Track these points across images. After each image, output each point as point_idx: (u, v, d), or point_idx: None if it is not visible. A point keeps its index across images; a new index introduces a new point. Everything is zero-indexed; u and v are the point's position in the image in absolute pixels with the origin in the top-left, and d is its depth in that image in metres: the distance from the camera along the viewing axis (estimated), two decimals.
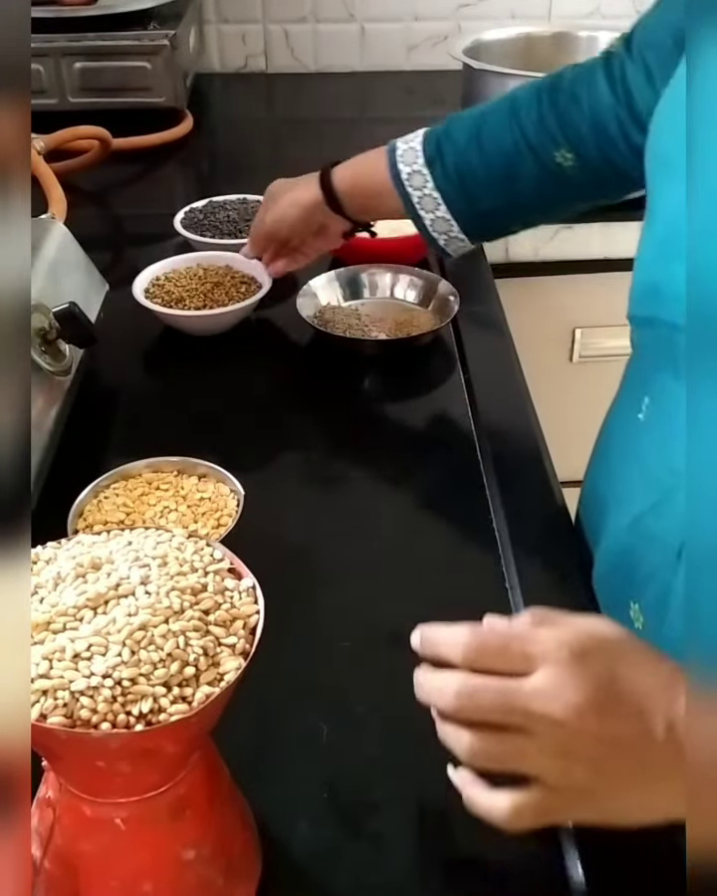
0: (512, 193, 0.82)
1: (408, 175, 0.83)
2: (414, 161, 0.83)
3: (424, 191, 0.83)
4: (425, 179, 0.83)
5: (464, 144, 0.82)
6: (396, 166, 0.84)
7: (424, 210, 0.84)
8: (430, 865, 0.52)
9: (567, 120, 0.78)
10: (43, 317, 0.76)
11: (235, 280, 0.98)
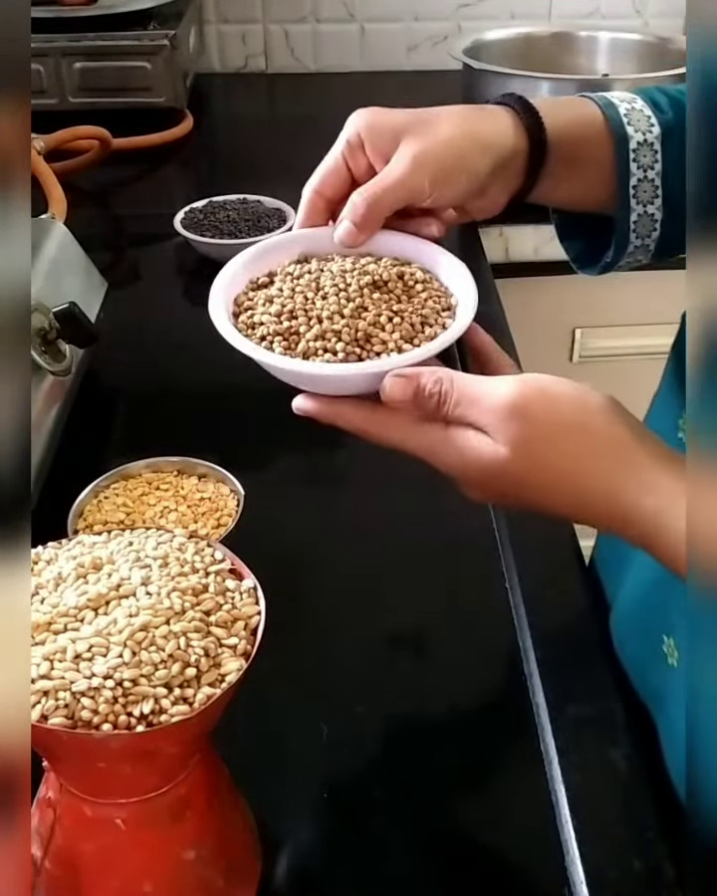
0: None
1: (638, 145, 0.57)
2: (648, 129, 0.58)
3: (648, 173, 0.58)
4: (656, 157, 0.58)
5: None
6: (624, 129, 0.57)
7: (636, 200, 0.59)
8: (430, 865, 0.52)
9: None
10: (43, 317, 0.76)
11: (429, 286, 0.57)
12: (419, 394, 0.45)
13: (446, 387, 0.45)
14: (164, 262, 1.12)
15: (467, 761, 0.58)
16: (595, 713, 0.59)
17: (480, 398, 0.45)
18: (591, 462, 0.44)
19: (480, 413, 0.45)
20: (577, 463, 0.44)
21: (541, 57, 1.35)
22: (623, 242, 0.61)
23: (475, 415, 0.45)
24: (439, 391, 0.45)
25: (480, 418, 0.45)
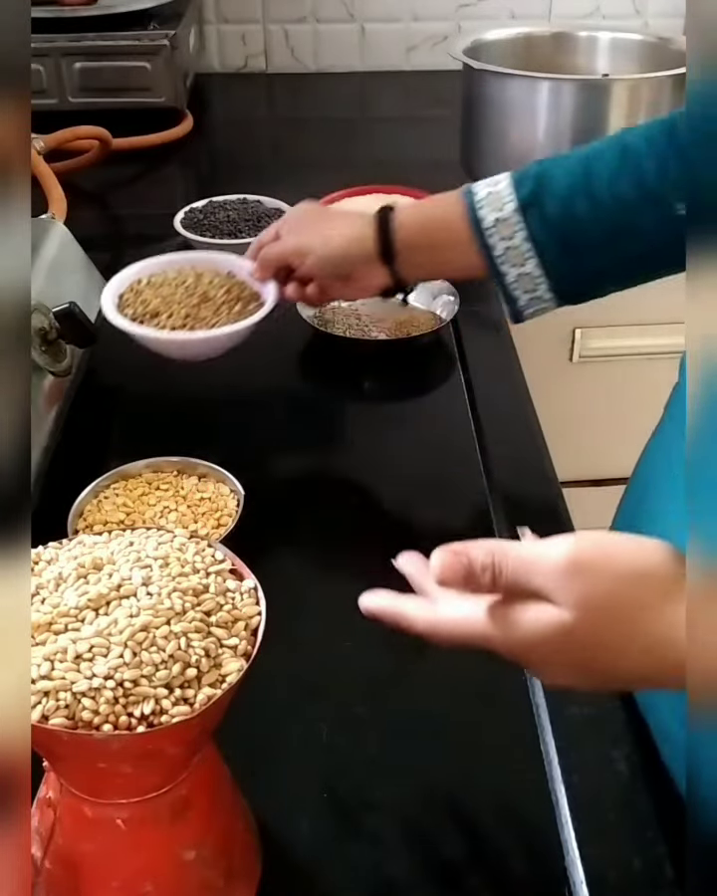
0: (623, 248, 0.71)
1: (493, 223, 0.71)
2: (502, 208, 0.71)
3: (512, 242, 0.71)
4: (515, 229, 0.70)
5: (568, 190, 0.70)
6: (477, 212, 0.72)
7: (508, 264, 0.72)
8: (430, 865, 0.52)
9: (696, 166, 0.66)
10: (43, 317, 0.76)
11: (231, 295, 0.80)
12: (472, 570, 0.43)
13: (499, 559, 0.42)
14: None
15: (467, 761, 0.58)
16: (595, 713, 0.59)
17: (537, 563, 0.42)
18: (657, 614, 0.41)
19: (539, 577, 0.42)
20: (643, 614, 0.41)
21: (541, 57, 1.35)
22: (510, 298, 0.74)
23: (535, 582, 0.42)
24: (492, 564, 0.42)
25: (540, 583, 0.42)
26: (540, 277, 0.72)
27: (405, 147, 1.44)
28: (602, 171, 0.70)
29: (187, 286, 0.79)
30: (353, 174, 1.20)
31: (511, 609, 0.43)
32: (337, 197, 1.11)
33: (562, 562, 0.41)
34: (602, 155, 0.71)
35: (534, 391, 0.90)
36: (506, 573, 0.42)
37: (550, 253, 0.71)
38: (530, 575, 0.42)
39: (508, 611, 0.43)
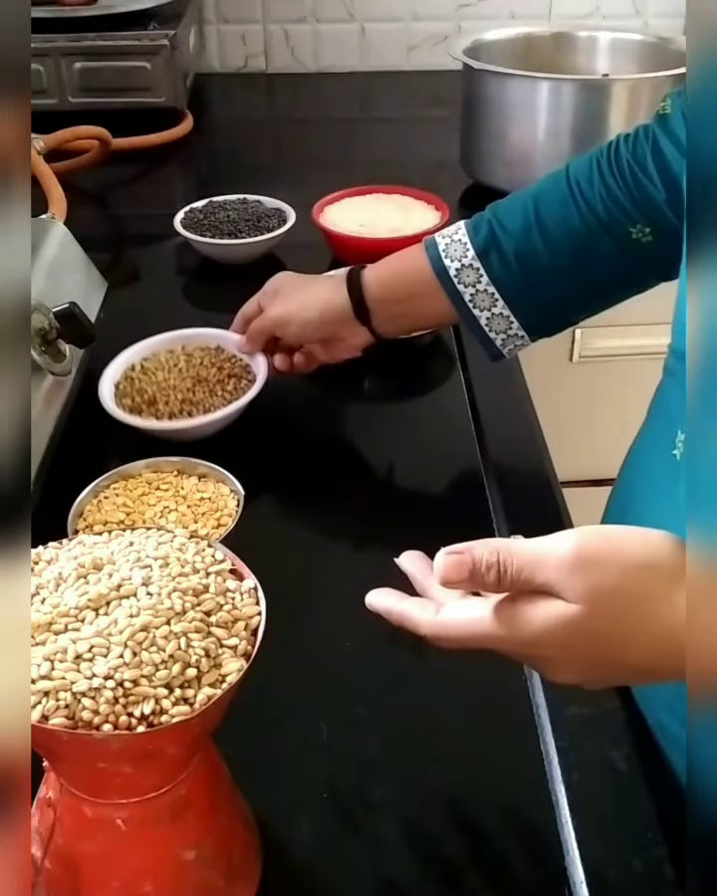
0: (584, 278, 0.74)
1: (457, 271, 0.74)
2: (463, 255, 0.74)
3: (478, 287, 0.74)
4: (479, 274, 0.74)
5: (521, 229, 0.73)
6: (441, 262, 0.75)
7: (479, 308, 0.75)
8: (430, 865, 0.52)
9: (638, 192, 0.70)
10: (43, 317, 0.76)
11: (223, 373, 0.83)
12: (476, 569, 0.42)
13: (504, 556, 0.42)
14: (164, 262, 1.12)
15: (467, 761, 0.58)
16: (594, 713, 0.59)
17: (542, 558, 0.42)
18: (665, 603, 0.42)
19: (545, 573, 0.42)
20: (650, 606, 0.42)
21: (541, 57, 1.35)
22: (486, 340, 0.77)
23: (541, 577, 0.42)
24: (497, 561, 0.42)
25: (546, 578, 0.42)
26: (510, 316, 0.75)
27: (405, 147, 1.44)
28: (551, 208, 0.73)
29: (180, 369, 0.83)
30: (352, 174, 1.20)
31: (517, 607, 0.43)
32: (337, 197, 1.11)
33: (568, 557, 0.41)
34: (549, 194, 0.74)
35: (534, 391, 0.90)
36: (511, 571, 0.42)
37: (514, 292, 0.74)
38: (536, 571, 0.42)
39: (514, 609, 0.43)
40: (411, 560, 0.50)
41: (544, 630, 0.42)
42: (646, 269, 0.74)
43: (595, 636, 0.42)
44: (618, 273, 0.74)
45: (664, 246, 0.70)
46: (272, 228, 1.08)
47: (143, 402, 0.81)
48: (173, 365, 0.84)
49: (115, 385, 0.83)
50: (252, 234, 1.07)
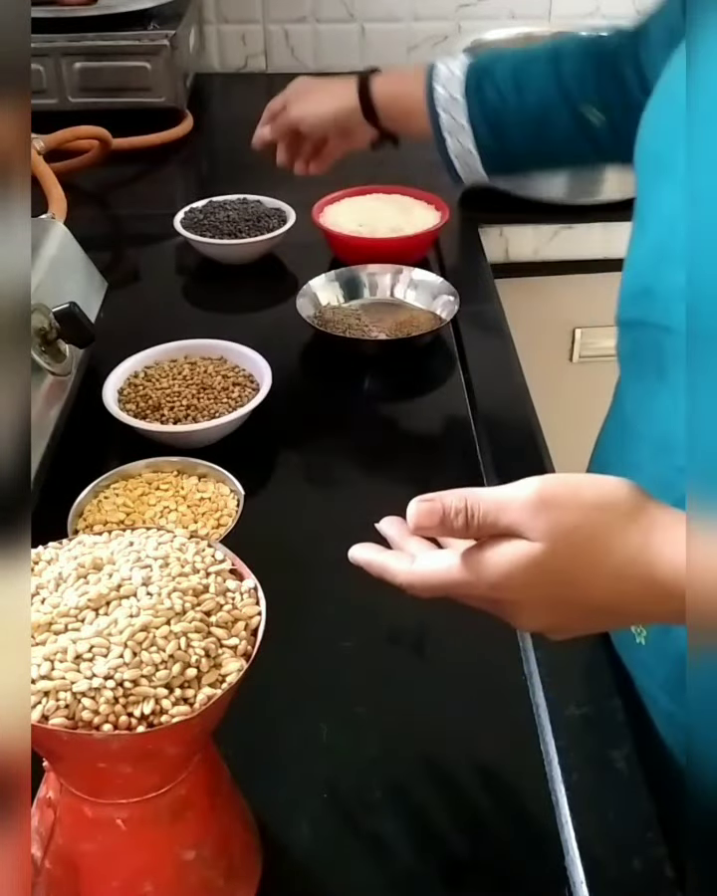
0: (541, 139, 0.85)
1: (443, 103, 0.86)
2: (454, 89, 0.85)
3: (456, 121, 0.85)
4: (461, 109, 0.85)
5: (503, 83, 0.84)
6: (433, 91, 0.86)
7: (451, 140, 0.87)
8: (430, 865, 0.52)
9: (604, 85, 0.81)
10: (43, 317, 0.76)
11: (227, 381, 0.83)
12: (446, 514, 0.45)
13: (471, 502, 0.44)
14: (164, 262, 1.12)
15: (467, 761, 0.58)
16: (595, 713, 0.59)
17: (506, 502, 0.44)
18: (621, 538, 0.44)
19: (509, 515, 0.44)
20: (607, 542, 0.44)
21: None
22: (450, 166, 0.90)
23: (505, 519, 0.44)
24: (465, 507, 0.44)
25: (510, 520, 0.44)
26: (475, 154, 0.87)
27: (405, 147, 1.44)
28: (534, 69, 0.84)
29: (184, 376, 0.83)
30: (352, 174, 1.19)
31: (484, 551, 0.45)
32: (337, 197, 1.11)
33: (531, 498, 0.44)
34: (537, 55, 0.85)
35: (534, 391, 0.90)
36: (478, 515, 0.44)
37: (483, 135, 0.86)
38: (500, 514, 0.44)
39: (481, 553, 0.45)
40: (390, 524, 0.52)
41: (509, 570, 0.44)
42: (595, 149, 0.85)
43: (557, 573, 0.44)
44: (570, 144, 0.85)
45: (612, 134, 0.82)
46: (272, 228, 1.08)
47: (148, 408, 0.81)
48: (178, 373, 0.84)
49: (118, 391, 0.83)
50: (252, 234, 1.07)
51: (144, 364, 0.86)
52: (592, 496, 0.44)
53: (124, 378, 0.84)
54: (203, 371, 0.84)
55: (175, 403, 0.81)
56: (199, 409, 0.80)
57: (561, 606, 0.46)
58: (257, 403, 0.80)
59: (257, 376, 0.84)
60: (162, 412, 0.80)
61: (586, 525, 0.44)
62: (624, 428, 0.64)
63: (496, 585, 0.45)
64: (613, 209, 1.20)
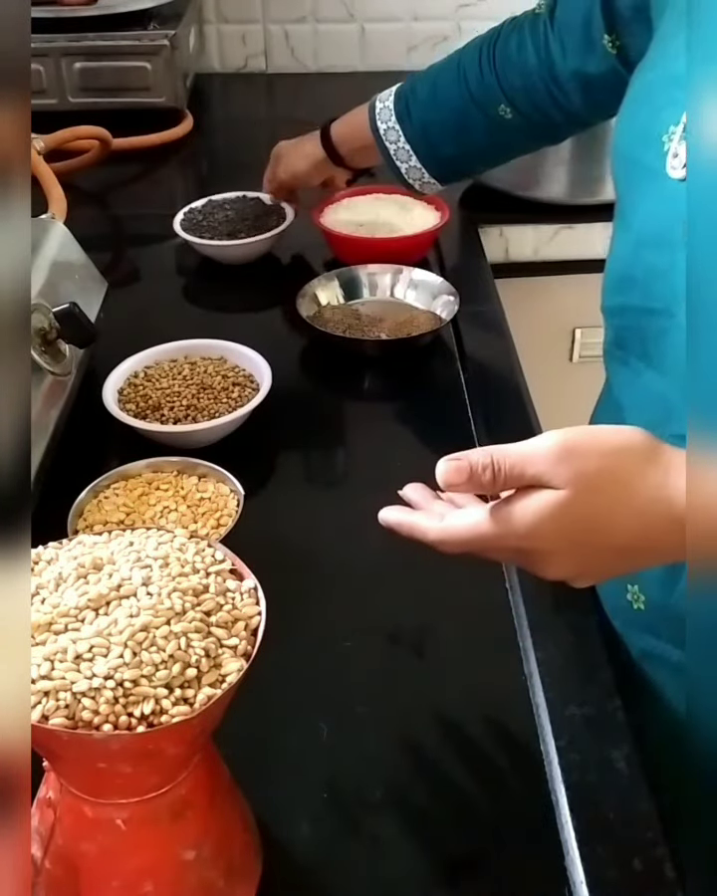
0: (466, 143, 0.94)
1: (384, 131, 0.96)
2: (389, 119, 0.95)
3: (398, 144, 0.96)
4: (398, 134, 0.95)
5: (424, 101, 0.93)
6: (376, 123, 0.96)
7: (399, 161, 0.97)
8: (430, 865, 0.52)
9: (503, 77, 0.88)
10: (43, 317, 0.76)
11: (227, 381, 0.83)
12: (473, 470, 0.47)
13: (497, 457, 0.47)
14: (164, 262, 1.12)
15: (467, 761, 0.58)
16: (595, 713, 0.59)
17: (530, 454, 0.47)
18: (641, 478, 0.46)
19: (534, 466, 0.46)
20: (628, 483, 0.46)
21: None
22: (407, 184, 0.99)
23: (531, 470, 0.46)
24: (491, 462, 0.47)
25: (536, 470, 0.46)
26: (421, 168, 0.97)
27: None
28: (444, 81, 0.93)
29: (184, 376, 0.84)
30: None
31: (511, 503, 0.47)
32: (337, 197, 1.11)
33: (553, 449, 0.46)
34: (447, 67, 0.93)
35: (534, 391, 0.90)
36: (504, 468, 0.47)
37: (421, 150, 0.95)
38: (525, 466, 0.47)
39: (509, 506, 0.47)
40: (414, 489, 0.55)
41: (537, 519, 0.46)
42: (515, 139, 0.94)
43: (583, 519, 0.46)
44: (492, 141, 0.93)
45: (525, 123, 0.90)
46: (271, 226, 1.08)
47: (148, 408, 0.81)
48: (178, 373, 0.84)
49: (118, 391, 0.83)
50: (251, 233, 1.07)
51: (144, 364, 0.86)
52: (610, 442, 0.47)
53: (124, 378, 0.84)
54: (203, 371, 0.84)
55: (175, 403, 0.81)
56: (199, 409, 0.80)
57: (588, 550, 0.48)
58: (257, 403, 0.80)
59: (257, 376, 0.83)
60: (162, 412, 0.80)
61: (607, 469, 0.46)
62: (616, 416, 0.65)
63: (526, 535, 0.47)
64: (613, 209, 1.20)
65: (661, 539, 0.47)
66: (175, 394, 0.82)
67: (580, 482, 0.46)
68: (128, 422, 0.79)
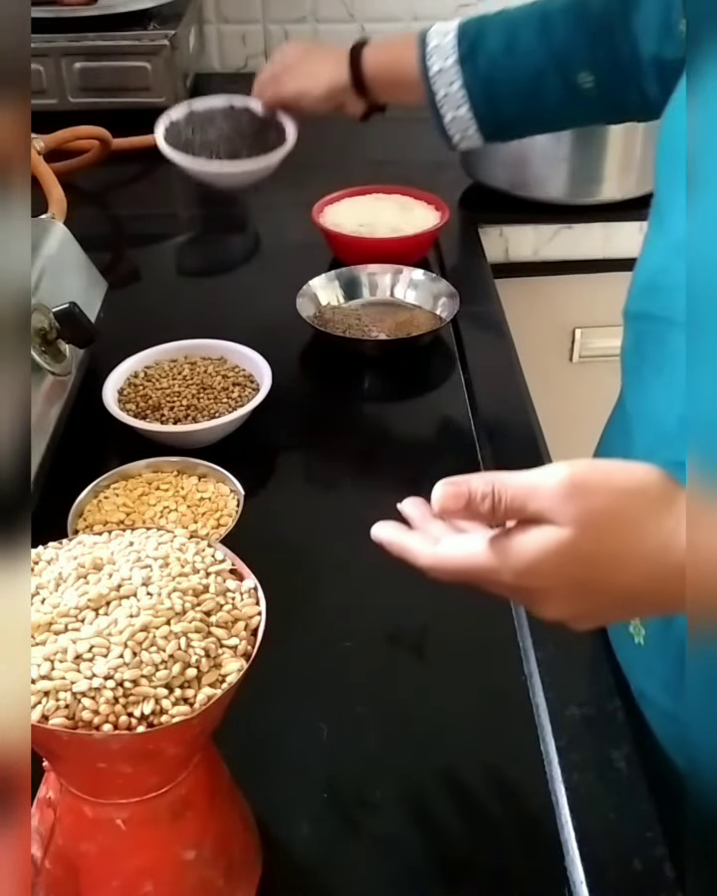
0: (533, 106, 0.86)
1: (437, 72, 0.85)
2: (446, 59, 0.85)
3: (451, 89, 0.85)
4: (454, 77, 0.85)
5: (496, 50, 0.84)
6: (426, 60, 0.86)
7: (446, 107, 0.87)
8: (430, 865, 0.52)
9: (594, 49, 0.81)
10: (43, 317, 0.76)
11: (227, 381, 0.83)
12: (472, 499, 0.44)
13: (498, 487, 0.44)
14: (164, 262, 1.12)
15: (467, 761, 0.58)
16: (595, 713, 0.59)
17: (535, 487, 0.43)
18: (655, 523, 0.43)
19: (538, 501, 0.43)
20: (640, 526, 0.43)
21: None
22: (446, 135, 0.90)
23: (534, 505, 0.43)
24: (491, 492, 0.44)
25: (539, 506, 0.43)
26: (471, 119, 0.88)
27: (405, 147, 1.44)
28: (525, 36, 0.83)
29: (184, 376, 0.83)
30: (352, 174, 1.20)
31: (511, 536, 0.44)
32: (337, 197, 1.11)
33: (560, 484, 0.43)
34: (527, 21, 0.84)
35: (534, 391, 0.90)
36: (505, 500, 0.43)
37: (478, 102, 0.86)
38: (528, 500, 0.43)
39: (509, 539, 0.44)
40: (413, 505, 0.52)
41: (537, 557, 0.43)
42: (587, 111, 0.87)
43: (586, 559, 0.43)
44: (562, 108, 0.86)
45: (604, 96, 0.83)
46: (272, 145, 0.98)
47: (148, 408, 0.81)
48: (178, 373, 0.84)
49: (118, 391, 0.83)
50: (254, 153, 0.97)
51: (144, 364, 0.86)
52: (623, 481, 0.44)
53: (124, 378, 0.84)
54: (203, 371, 0.84)
55: (175, 403, 0.81)
56: (199, 409, 0.80)
57: (589, 593, 0.45)
58: (257, 403, 0.80)
59: (257, 376, 0.83)
60: (162, 412, 0.80)
61: (618, 510, 0.43)
62: (625, 425, 0.64)
63: (523, 572, 0.44)
64: (613, 209, 1.20)
65: (668, 587, 0.44)
66: (175, 394, 0.82)
67: (586, 521, 0.42)
68: (128, 422, 0.79)
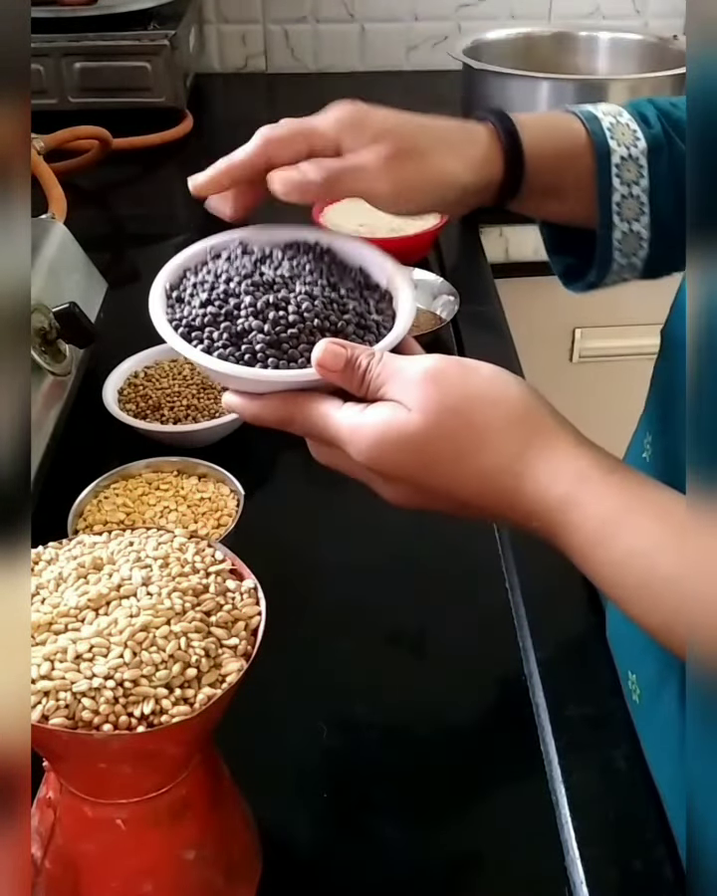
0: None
1: (620, 161, 0.56)
2: (633, 144, 0.56)
3: (632, 189, 0.56)
4: (640, 174, 0.56)
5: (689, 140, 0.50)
6: (607, 144, 0.56)
7: (621, 217, 0.57)
8: (430, 865, 0.52)
9: None
10: (43, 317, 0.76)
11: None
12: (350, 363, 0.45)
13: (374, 363, 0.45)
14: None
15: (467, 761, 0.58)
16: (595, 713, 0.59)
17: (401, 370, 0.44)
18: (498, 438, 0.42)
19: (397, 384, 0.44)
20: (483, 437, 0.42)
21: (541, 57, 1.35)
22: (606, 260, 0.59)
23: (393, 387, 0.44)
24: (368, 365, 0.45)
25: (397, 389, 0.44)
26: (645, 240, 0.58)
27: None
28: None
29: (185, 376, 0.83)
30: None
31: (364, 412, 0.45)
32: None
33: (421, 372, 0.43)
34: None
35: None
36: (372, 375, 0.45)
37: (665, 210, 0.57)
38: (390, 380, 0.44)
39: (362, 413, 0.45)
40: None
41: (376, 429, 0.44)
42: None
43: (422, 452, 0.43)
44: None
45: None
46: None
47: (148, 408, 0.81)
48: (178, 373, 0.84)
49: (118, 391, 0.83)
50: None
51: (144, 364, 0.86)
52: (482, 386, 0.43)
53: (124, 378, 0.84)
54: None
55: (175, 403, 0.81)
56: (199, 409, 0.80)
57: (424, 491, 0.45)
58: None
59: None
60: (162, 412, 0.80)
61: (464, 412, 0.42)
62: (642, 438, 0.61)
63: (364, 451, 0.45)
64: None
65: (500, 511, 0.43)
66: (175, 394, 0.82)
67: (430, 411, 0.42)
68: (128, 422, 0.79)
